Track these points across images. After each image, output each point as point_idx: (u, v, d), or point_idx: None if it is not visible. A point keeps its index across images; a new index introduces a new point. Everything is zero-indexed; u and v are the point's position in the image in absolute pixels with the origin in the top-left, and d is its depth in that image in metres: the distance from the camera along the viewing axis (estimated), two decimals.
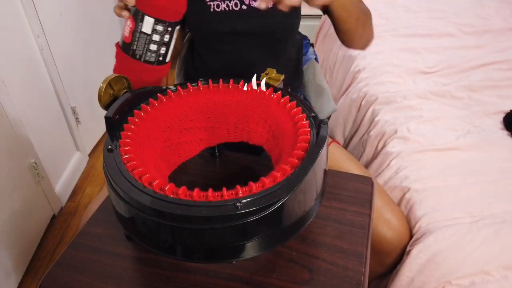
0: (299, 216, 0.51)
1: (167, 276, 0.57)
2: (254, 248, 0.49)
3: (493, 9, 1.75)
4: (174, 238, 0.49)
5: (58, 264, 0.59)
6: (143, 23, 0.65)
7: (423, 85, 1.30)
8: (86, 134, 1.79)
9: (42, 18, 1.42)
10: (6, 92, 1.21)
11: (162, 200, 0.47)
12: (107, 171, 0.52)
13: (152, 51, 0.67)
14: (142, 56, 0.68)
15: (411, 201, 0.92)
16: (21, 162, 1.32)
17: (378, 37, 1.58)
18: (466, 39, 1.54)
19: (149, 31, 0.65)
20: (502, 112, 1.14)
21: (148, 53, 0.67)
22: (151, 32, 0.65)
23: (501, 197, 0.89)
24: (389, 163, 1.04)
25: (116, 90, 0.66)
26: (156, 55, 0.68)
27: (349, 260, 0.58)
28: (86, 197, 1.64)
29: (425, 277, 0.81)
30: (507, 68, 1.33)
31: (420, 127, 1.11)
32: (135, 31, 0.66)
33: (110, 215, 0.62)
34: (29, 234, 1.37)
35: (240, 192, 0.48)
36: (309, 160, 0.51)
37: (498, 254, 0.79)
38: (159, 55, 0.69)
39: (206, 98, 0.66)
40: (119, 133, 0.57)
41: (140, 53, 0.68)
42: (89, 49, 1.80)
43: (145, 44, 0.67)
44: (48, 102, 1.51)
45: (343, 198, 0.68)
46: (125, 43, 0.68)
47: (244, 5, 0.80)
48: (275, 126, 0.62)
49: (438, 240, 0.82)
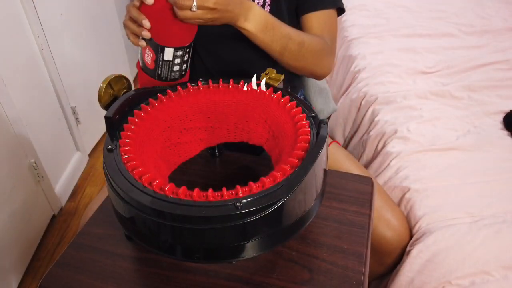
0: (299, 216, 0.51)
1: (167, 276, 0.57)
2: (254, 248, 0.49)
3: (493, 9, 1.75)
4: (174, 238, 0.49)
5: (58, 264, 0.59)
6: (163, 53, 0.67)
7: (423, 85, 1.30)
8: (86, 134, 1.79)
9: (42, 18, 1.42)
10: (6, 92, 1.21)
11: (162, 200, 0.47)
12: (107, 171, 0.52)
13: (176, 71, 0.70)
14: (168, 77, 0.70)
15: (411, 201, 0.92)
16: (21, 162, 1.32)
17: (378, 37, 1.59)
18: (466, 39, 1.54)
19: (170, 59, 0.68)
20: (502, 112, 1.14)
21: (173, 74, 0.70)
22: (173, 58, 0.68)
23: (501, 197, 0.89)
24: (389, 163, 1.04)
25: (116, 90, 0.66)
26: (179, 73, 0.71)
27: (349, 260, 0.58)
28: (86, 197, 1.64)
29: (425, 277, 0.81)
30: (507, 68, 1.33)
31: (420, 127, 1.11)
32: (157, 60, 0.68)
33: (110, 215, 0.62)
34: (29, 234, 1.37)
35: (240, 192, 0.48)
36: (309, 160, 0.51)
37: (498, 254, 0.79)
38: (181, 71, 0.71)
39: (206, 98, 0.66)
40: (119, 133, 0.57)
41: (165, 76, 0.70)
42: (89, 49, 1.80)
43: (169, 68, 0.69)
44: (48, 102, 1.51)
45: (343, 198, 0.68)
46: (149, 68, 0.70)
47: None
48: (275, 126, 0.62)
49: (438, 240, 0.82)
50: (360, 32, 1.64)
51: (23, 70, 1.35)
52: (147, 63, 0.69)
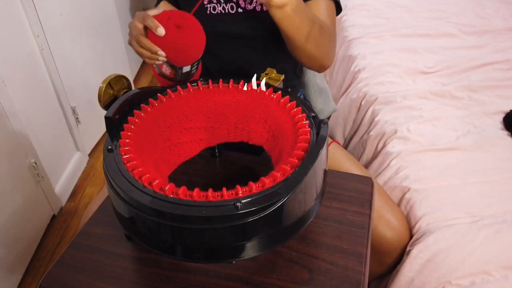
0: (299, 216, 0.51)
1: (167, 276, 0.57)
2: (254, 248, 0.49)
3: (493, 9, 1.75)
4: (174, 238, 0.49)
5: (58, 264, 0.60)
6: (182, 69, 0.70)
7: (423, 85, 1.30)
8: (86, 134, 1.79)
9: (42, 18, 1.42)
10: (6, 92, 1.21)
11: (162, 200, 0.47)
12: (107, 171, 0.52)
13: (193, 73, 0.73)
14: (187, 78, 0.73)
15: (411, 201, 0.92)
16: (21, 162, 1.32)
17: (378, 37, 1.59)
18: (466, 39, 1.54)
19: (188, 70, 0.71)
20: (502, 112, 1.14)
21: (190, 76, 0.73)
22: (190, 69, 0.71)
23: (501, 197, 0.89)
24: (389, 163, 1.04)
25: (116, 90, 0.66)
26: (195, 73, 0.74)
27: (349, 260, 0.58)
28: (86, 197, 1.64)
29: (425, 277, 0.81)
30: (507, 68, 1.33)
31: (420, 127, 1.11)
32: (176, 74, 0.71)
33: (110, 215, 0.62)
34: (29, 234, 1.37)
35: (240, 192, 0.48)
36: (309, 160, 0.51)
37: (498, 254, 0.79)
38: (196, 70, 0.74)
39: (206, 98, 0.66)
40: (119, 133, 0.57)
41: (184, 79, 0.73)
42: (89, 49, 1.80)
43: (188, 75, 0.72)
44: (48, 102, 1.51)
45: (343, 198, 0.68)
46: (168, 76, 0.72)
47: (240, 8, 0.80)
48: (275, 126, 0.62)
49: (438, 240, 0.82)
50: (360, 32, 1.64)
51: (23, 70, 1.35)
52: (165, 74, 0.72)
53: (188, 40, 0.66)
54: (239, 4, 0.80)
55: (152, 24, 0.63)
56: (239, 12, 0.81)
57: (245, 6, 0.80)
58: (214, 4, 0.81)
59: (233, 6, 0.80)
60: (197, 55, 0.69)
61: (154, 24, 0.63)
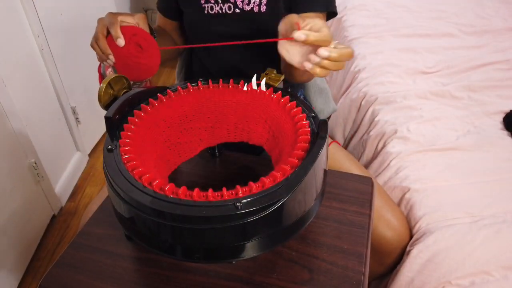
0: (299, 216, 0.51)
1: (167, 276, 0.57)
2: (254, 248, 0.49)
3: (493, 9, 1.75)
4: (174, 238, 0.49)
5: (58, 264, 0.59)
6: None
7: (423, 85, 1.30)
8: (86, 134, 1.79)
9: (42, 18, 1.42)
10: (6, 92, 1.21)
11: (162, 200, 0.47)
12: (107, 171, 0.52)
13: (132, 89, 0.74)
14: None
15: (411, 201, 0.92)
16: (21, 162, 1.32)
17: (378, 37, 1.59)
18: (466, 39, 1.54)
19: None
20: (502, 112, 1.14)
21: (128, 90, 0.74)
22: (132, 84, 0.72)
23: (501, 197, 0.89)
24: (389, 163, 1.04)
25: (116, 90, 0.66)
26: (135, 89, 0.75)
27: (349, 260, 0.58)
28: (86, 197, 1.64)
29: (425, 277, 0.81)
30: (507, 68, 1.33)
31: (420, 127, 1.11)
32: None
33: (110, 215, 0.62)
34: (29, 234, 1.37)
35: (240, 192, 0.48)
36: (309, 160, 0.51)
37: (498, 254, 0.79)
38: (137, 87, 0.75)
39: (206, 98, 0.66)
40: (119, 133, 0.57)
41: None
42: (89, 49, 1.79)
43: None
44: (48, 102, 1.51)
45: (343, 198, 0.68)
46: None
47: (237, 8, 0.80)
48: (275, 126, 0.62)
49: (438, 240, 0.82)
50: (360, 32, 1.64)
51: (23, 70, 1.35)
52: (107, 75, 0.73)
53: (140, 62, 0.70)
54: (237, 4, 0.80)
55: (113, 33, 0.68)
56: (236, 12, 0.81)
57: (243, 6, 0.80)
58: (212, 4, 0.81)
59: (231, 7, 0.80)
60: (141, 78, 0.71)
61: (116, 34, 0.67)
